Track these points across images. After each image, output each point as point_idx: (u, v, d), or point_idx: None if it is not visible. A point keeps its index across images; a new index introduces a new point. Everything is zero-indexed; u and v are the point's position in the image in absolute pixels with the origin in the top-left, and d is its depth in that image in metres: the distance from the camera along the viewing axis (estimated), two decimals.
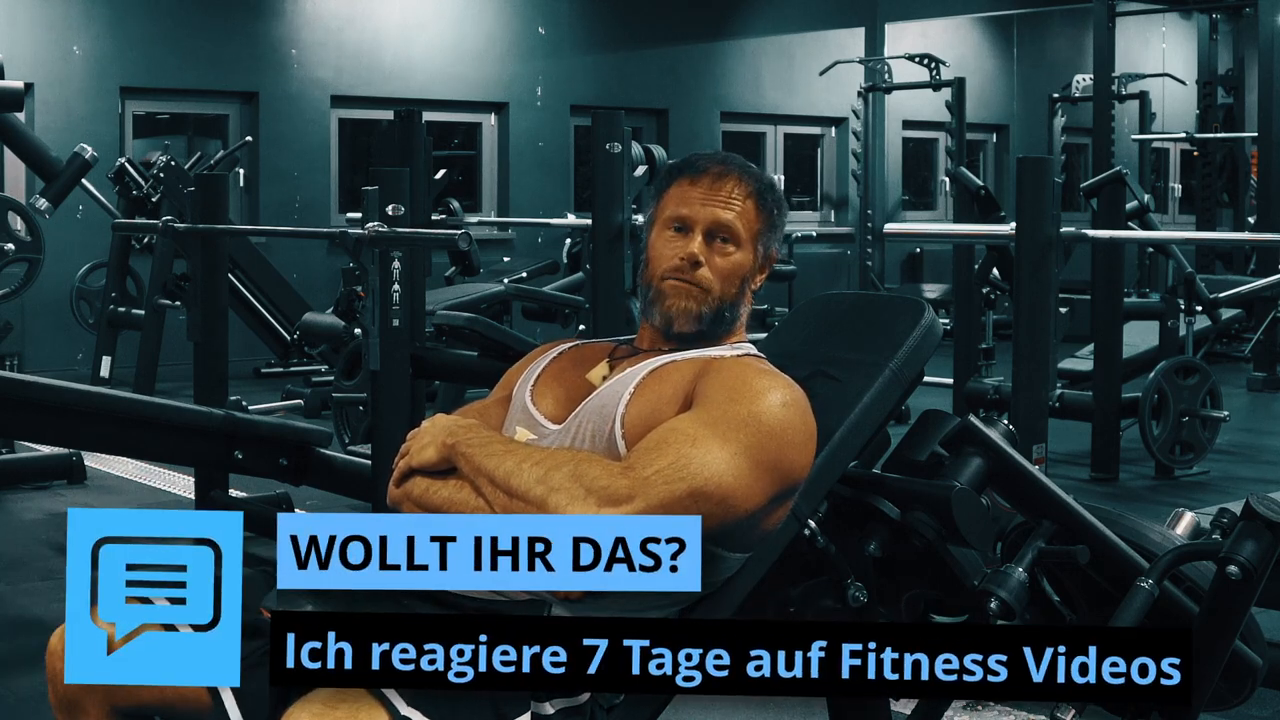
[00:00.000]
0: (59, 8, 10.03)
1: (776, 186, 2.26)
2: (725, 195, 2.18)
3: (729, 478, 1.91)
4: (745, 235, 2.18)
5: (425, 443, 2.07)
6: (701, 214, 2.17)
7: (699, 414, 1.97)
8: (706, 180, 2.19)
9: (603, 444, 2.03)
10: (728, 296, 2.16)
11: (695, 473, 1.89)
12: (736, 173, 2.20)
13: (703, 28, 13.03)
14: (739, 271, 2.17)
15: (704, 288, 2.15)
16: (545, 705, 1.86)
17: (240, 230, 8.20)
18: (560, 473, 1.90)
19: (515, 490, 1.93)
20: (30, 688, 3.52)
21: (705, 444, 1.91)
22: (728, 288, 2.16)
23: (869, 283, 13.29)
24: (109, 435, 4.64)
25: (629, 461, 1.92)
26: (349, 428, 6.42)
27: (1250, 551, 1.94)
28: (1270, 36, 11.07)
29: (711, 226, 2.16)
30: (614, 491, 1.87)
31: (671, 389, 2.05)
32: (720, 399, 1.98)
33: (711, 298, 2.15)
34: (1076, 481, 6.39)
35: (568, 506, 1.87)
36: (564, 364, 2.23)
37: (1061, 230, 4.27)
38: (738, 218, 2.17)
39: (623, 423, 2.03)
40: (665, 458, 1.90)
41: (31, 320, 9.60)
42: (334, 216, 11.12)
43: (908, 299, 2.37)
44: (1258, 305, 9.04)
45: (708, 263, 2.15)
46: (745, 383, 2.01)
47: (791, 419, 1.99)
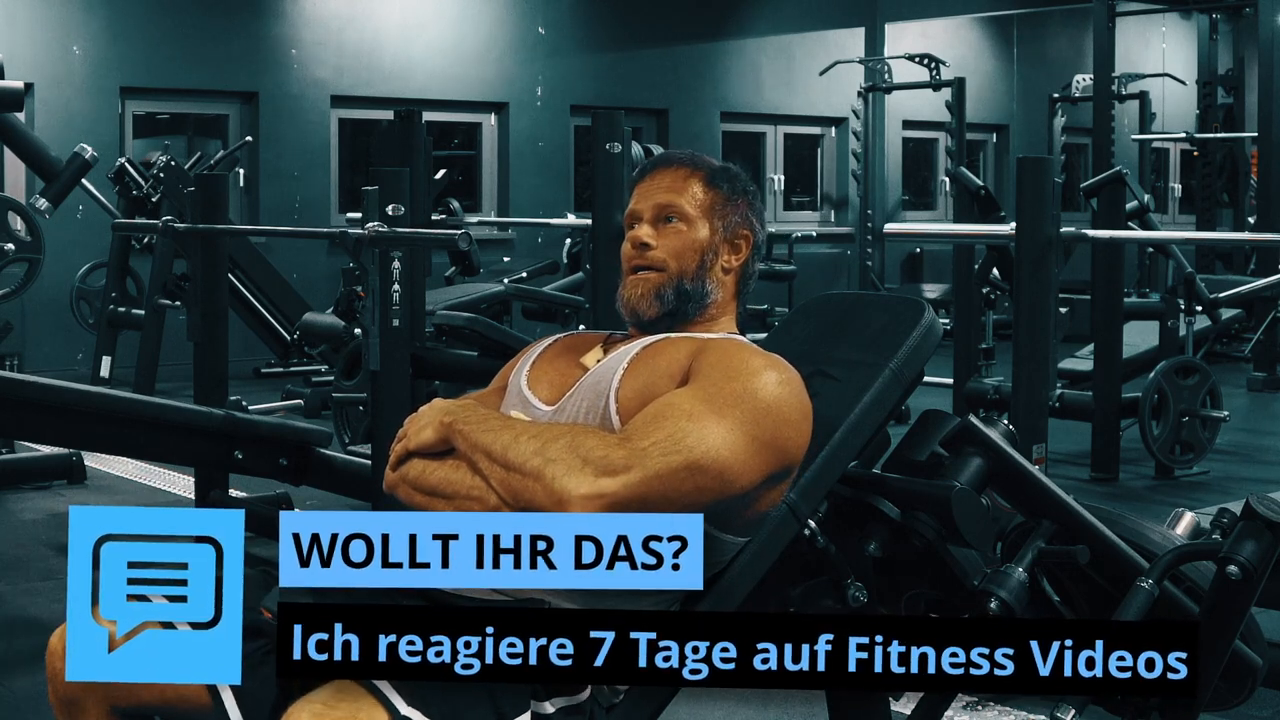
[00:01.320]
0: (59, 8, 10.03)
1: (732, 169, 2.28)
2: (667, 181, 2.22)
3: (725, 452, 1.91)
4: (694, 211, 2.20)
5: (423, 424, 2.06)
6: (645, 203, 2.21)
7: (696, 389, 1.98)
8: (650, 176, 2.24)
9: (597, 419, 2.03)
10: (686, 272, 2.18)
11: (692, 446, 1.89)
12: (677, 163, 2.24)
13: (703, 28, 13.03)
14: (693, 246, 2.18)
15: (656, 267, 2.17)
16: (545, 704, 1.86)
17: (240, 230, 8.21)
18: (557, 444, 1.90)
19: (512, 463, 1.92)
20: (30, 688, 3.52)
21: (702, 418, 1.92)
22: (684, 263, 2.18)
23: (869, 283, 13.29)
24: (109, 435, 4.64)
25: (626, 433, 1.92)
26: (349, 428, 6.42)
27: (1250, 551, 1.94)
28: (1270, 36, 11.07)
29: (655, 211, 2.20)
30: (611, 462, 1.87)
31: (666, 363, 2.06)
32: (717, 376, 1.99)
33: (668, 275, 2.17)
34: (1076, 481, 6.39)
35: (565, 477, 1.87)
36: (559, 350, 2.24)
37: (1061, 230, 4.27)
38: (680, 195, 2.20)
39: (617, 398, 2.03)
40: (662, 430, 1.90)
41: (31, 320, 9.60)
42: (334, 216, 11.12)
43: (908, 299, 2.37)
44: (1258, 305, 9.04)
45: (658, 244, 2.18)
46: (742, 360, 2.01)
47: (787, 397, 1.99)
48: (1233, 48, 15.49)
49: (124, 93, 10.34)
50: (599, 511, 1.86)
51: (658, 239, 2.18)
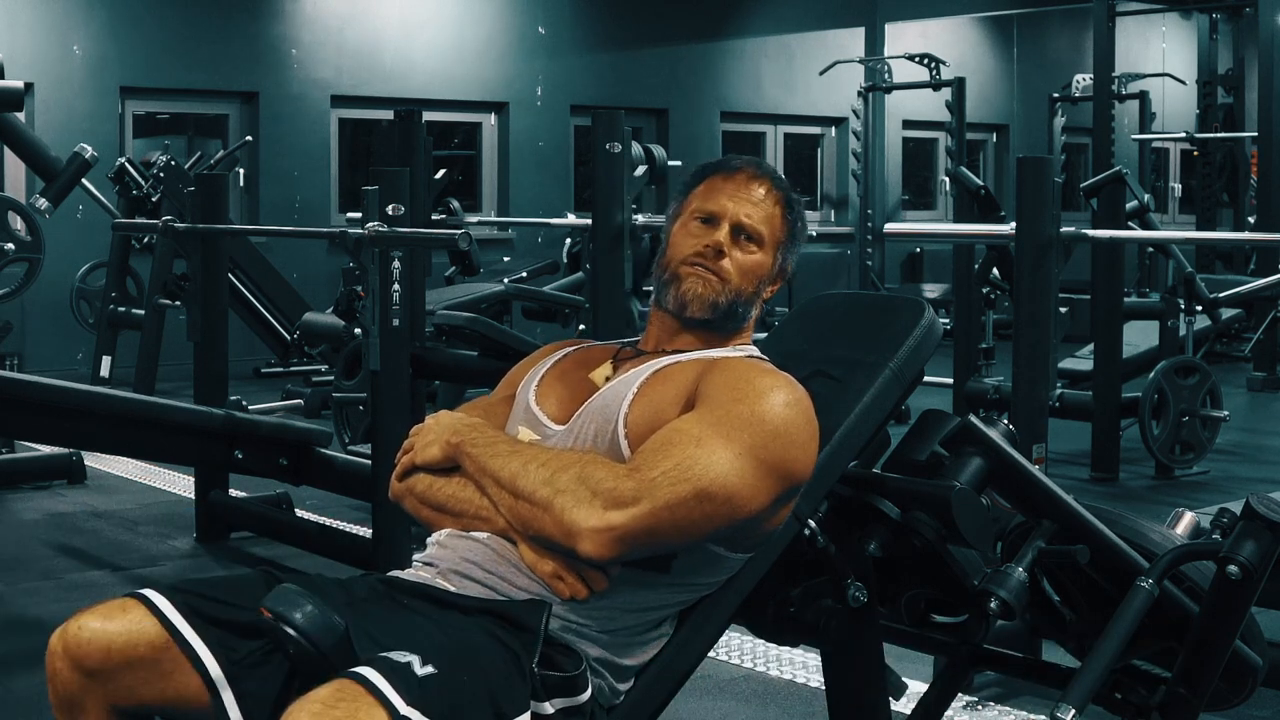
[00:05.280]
0: (59, 8, 10.02)
1: (799, 202, 2.27)
2: (757, 196, 2.20)
3: (734, 478, 1.91)
4: (769, 239, 2.19)
5: (429, 440, 2.07)
6: (731, 209, 2.18)
7: (703, 414, 1.97)
8: (740, 179, 2.21)
9: (605, 444, 2.03)
10: (744, 293, 2.17)
11: (700, 474, 1.89)
12: (770, 179, 2.23)
13: (703, 28, 13.03)
14: (758, 271, 2.18)
15: (723, 278, 2.16)
16: (545, 705, 1.86)
17: (240, 230, 8.20)
18: (567, 475, 1.91)
19: (521, 492, 1.93)
20: (30, 688, 3.52)
21: (710, 445, 1.91)
22: (745, 284, 2.17)
23: (869, 283, 13.28)
24: (109, 435, 4.65)
25: (635, 463, 1.92)
26: (349, 428, 6.41)
27: (1250, 551, 1.93)
28: (1270, 36, 11.06)
29: (739, 223, 2.18)
30: (620, 494, 1.87)
31: (674, 390, 2.05)
32: (724, 399, 1.98)
33: (729, 289, 2.16)
34: (1076, 481, 6.39)
35: (574, 509, 1.87)
36: (568, 365, 2.23)
37: (1061, 230, 4.26)
38: (765, 220, 2.19)
39: (625, 423, 2.03)
40: (670, 459, 1.90)
41: (31, 320, 9.60)
42: (334, 216, 11.12)
43: (908, 299, 2.37)
44: (1258, 305, 9.05)
45: (730, 256, 2.16)
46: (749, 382, 2.01)
47: (795, 419, 1.99)
48: (1233, 48, 15.48)
49: (124, 93, 10.34)
50: (609, 543, 1.86)
51: (731, 250, 2.17)
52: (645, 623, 2.01)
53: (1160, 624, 2.10)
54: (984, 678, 3.50)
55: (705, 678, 3.61)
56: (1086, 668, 1.95)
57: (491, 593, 1.97)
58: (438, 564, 2.03)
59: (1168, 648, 2.17)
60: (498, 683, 1.80)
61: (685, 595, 2.04)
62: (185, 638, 1.89)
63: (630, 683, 2.01)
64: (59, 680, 1.92)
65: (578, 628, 1.96)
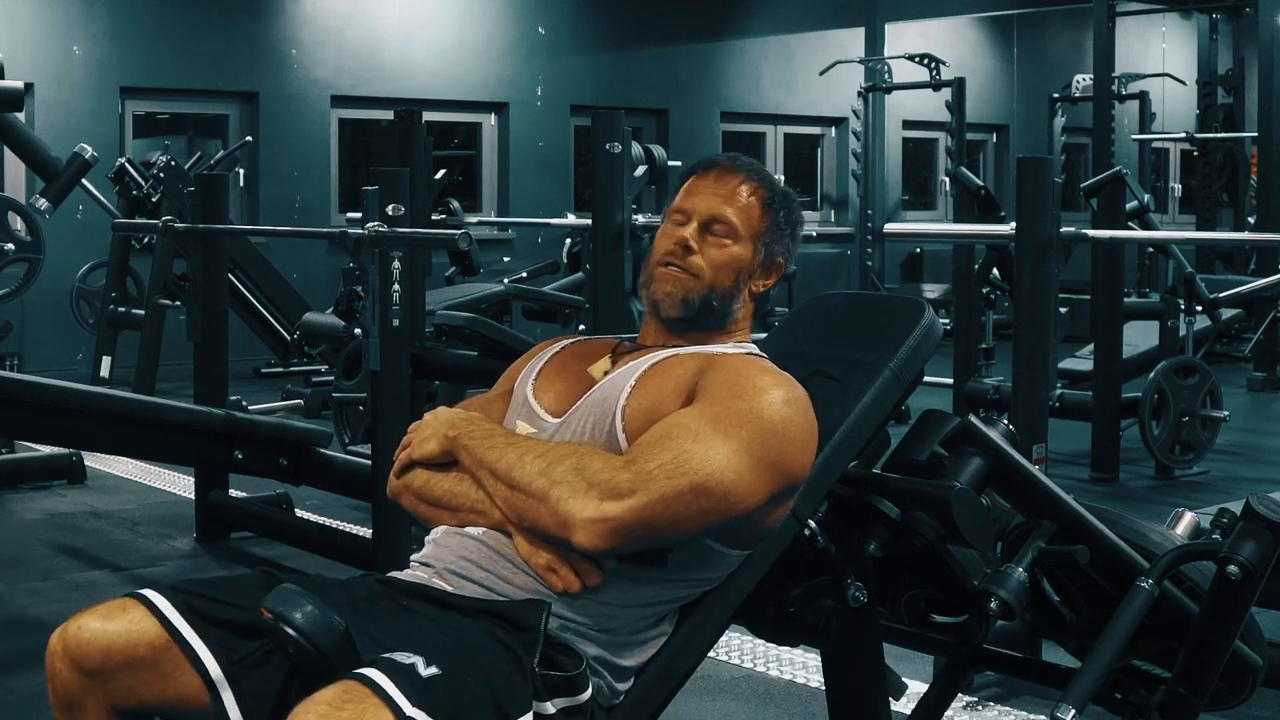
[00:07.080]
0: (59, 8, 10.02)
1: (791, 196, 2.26)
2: (728, 190, 2.19)
3: (730, 474, 1.90)
4: (745, 231, 2.18)
5: (427, 435, 2.07)
6: (700, 205, 2.18)
7: (702, 409, 1.97)
8: (713, 174, 2.21)
9: (603, 437, 2.02)
10: (719, 287, 2.16)
11: (697, 468, 1.89)
12: (744, 171, 2.22)
13: (703, 28, 13.02)
14: (733, 264, 2.17)
15: (692, 273, 2.15)
16: (547, 705, 1.86)
17: (240, 230, 8.20)
18: (562, 466, 1.91)
19: (517, 483, 1.93)
20: (30, 688, 3.52)
21: (707, 439, 1.91)
22: (719, 278, 2.16)
23: (869, 283, 13.28)
24: (109, 435, 4.65)
25: (631, 455, 1.92)
26: (349, 428, 6.42)
27: (1250, 551, 1.93)
28: (1270, 36, 11.06)
29: (709, 218, 2.17)
30: (616, 485, 1.87)
31: (673, 383, 2.05)
32: (723, 395, 1.98)
33: (700, 284, 2.15)
34: (1076, 481, 6.39)
35: (569, 500, 1.87)
36: (566, 359, 2.23)
37: (1061, 230, 4.26)
38: (738, 212, 2.18)
39: (623, 415, 2.03)
40: (667, 452, 1.90)
41: (31, 320, 9.59)
42: (334, 216, 11.12)
43: (908, 299, 2.37)
44: (1258, 305, 9.05)
45: (700, 251, 2.16)
46: (748, 379, 2.01)
47: (794, 417, 1.98)
48: (1233, 48, 15.48)
49: (124, 93, 10.34)
50: (604, 535, 1.86)
51: (701, 245, 2.16)
52: (643, 621, 2.01)
53: (1160, 624, 2.10)
54: (984, 678, 3.50)
55: (705, 678, 3.61)
56: (1086, 668, 1.95)
57: (488, 592, 1.97)
58: (434, 563, 2.03)
59: (1168, 648, 2.17)
60: (500, 683, 1.80)
61: (682, 591, 2.04)
62: (185, 638, 1.89)
63: (630, 682, 2.01)
64: (59, 680, 1.92)
65: (576, 626, 1.96)
